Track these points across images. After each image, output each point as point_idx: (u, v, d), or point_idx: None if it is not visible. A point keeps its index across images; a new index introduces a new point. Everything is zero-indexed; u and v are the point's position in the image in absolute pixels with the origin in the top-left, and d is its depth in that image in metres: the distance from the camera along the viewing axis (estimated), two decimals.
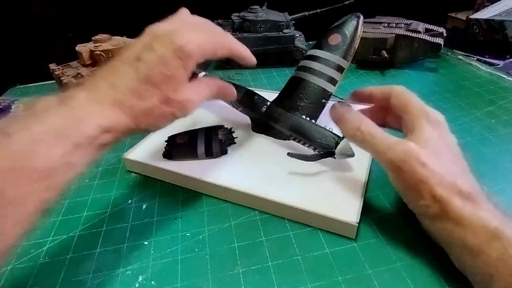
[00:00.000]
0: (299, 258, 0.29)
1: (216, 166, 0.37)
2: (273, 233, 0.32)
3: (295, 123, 0.37)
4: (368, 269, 0.28)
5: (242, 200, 0.34)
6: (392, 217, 0.32)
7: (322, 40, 0.40)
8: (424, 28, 0.61)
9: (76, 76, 0.53)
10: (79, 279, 0.28)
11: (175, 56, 0.25)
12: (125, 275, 0.29)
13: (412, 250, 0.29)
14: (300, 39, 0.67)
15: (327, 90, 0.39)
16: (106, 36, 0.55)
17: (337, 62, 0.39)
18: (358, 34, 0.39)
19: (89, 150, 0.22)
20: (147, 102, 0.25)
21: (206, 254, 0.30)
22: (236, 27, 0.62)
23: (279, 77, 0.62)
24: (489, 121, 0.46)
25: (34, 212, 0.20)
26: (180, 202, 0.36)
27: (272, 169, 0.36)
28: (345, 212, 0.30)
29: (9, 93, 0.66)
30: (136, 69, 0.24)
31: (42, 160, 0.20)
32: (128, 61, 0.25)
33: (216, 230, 0.32)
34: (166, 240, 0.32)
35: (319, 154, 0.35)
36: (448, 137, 0.29)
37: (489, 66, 0.62)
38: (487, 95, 0.52)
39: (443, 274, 0.27)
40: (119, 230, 0.33)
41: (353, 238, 0.30)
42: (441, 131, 0.29)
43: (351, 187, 0.33)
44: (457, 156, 0.28)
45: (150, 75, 0.24)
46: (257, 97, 0.41)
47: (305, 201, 0.32)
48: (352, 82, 0.59)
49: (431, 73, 0.61)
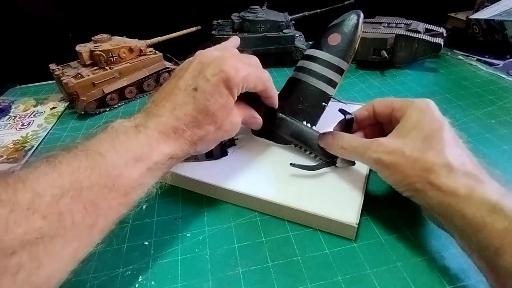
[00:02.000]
0: (299, 258, 0.29)
1: (216, 168, 0.37)
2: (273, 234, 0.32)
3: (296, 130, 0.37)
4: (368, 269, 0.28)
5: (242, 202, 0.34)
6: (392, 217, 0.32)
7: (321, 40, 0.40)
8: (424, 28, 0.61)
9: (76, 76, 0.53)
10: (79, 279, 0.28)
11: (224, 83, 0.28)
12: (125, 275, 0.29)
13: (412, 250, 0.29)
14: (300, 39, 0.67)
15: (327, 92, 0.39)
16: (106, 36, 0.55)
17: (337, 64, 0.38)
18: (358, 34, 0.39)
19: (157, 173, 0.26)
20: (204, 130, 0.28)
21: (206, 255, 0.30)
22: (236, 27, 0.62)
23: (279, 77, 0.62)
24: (489, 121, 0.46)
25: (112, 223, 0.24)
26: (180, 203, 0.36)
27: (272, 170, 0.36)
28: (345, 213, 0.30)
29: (9, 93, 0.66)
30: (194, 99, 0.27)
31: (126, 181, 0.24)
32: (186, 88, 0.28)
33: (216, 231, 0.32)
34: (166, 240, 0.32)
35: (321, 164, 0.35)
36: (439, 117, 0.29)
37: (489, 66, 0.62)
38: (487, 95, 0.52)
39: (443, 274, 0.27)
40: (119, 230, 0.33)
41: (352, 239, 0.30)
42: (431, 112, 0.29)
43: (351, 188, 0.33)
44: (449, 133, 0.28)
45: (207, 105, 0.27)
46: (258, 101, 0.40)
47: (305, 202, 0.32)
48: (352, 82, 0.59)
49: (431, 73, 0.61)
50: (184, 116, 0.27)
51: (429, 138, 0.27)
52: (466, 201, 0.24)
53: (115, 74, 0.55)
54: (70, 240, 0.21)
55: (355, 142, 0.31)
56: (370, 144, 0.29)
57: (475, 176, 0.25)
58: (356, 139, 0.32)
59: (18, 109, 0.59)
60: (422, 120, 0.28)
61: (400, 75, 0.60)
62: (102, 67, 0.54)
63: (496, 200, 0.23)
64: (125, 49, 0.55)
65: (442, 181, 0.25)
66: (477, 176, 0.25)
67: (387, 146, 0.28)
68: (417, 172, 0.26)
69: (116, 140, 0.25)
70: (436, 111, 0.29)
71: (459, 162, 0.26)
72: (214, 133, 0.28)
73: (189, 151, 0.28)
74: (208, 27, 0.63)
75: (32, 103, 0.60)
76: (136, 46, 0.57)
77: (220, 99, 0.28)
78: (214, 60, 0.29)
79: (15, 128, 0.53)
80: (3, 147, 0.48)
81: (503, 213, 0.22)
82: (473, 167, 0.26)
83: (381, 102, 0.33)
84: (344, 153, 0.33)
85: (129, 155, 0.24)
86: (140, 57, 0.58)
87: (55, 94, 0.63)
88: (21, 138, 0.50)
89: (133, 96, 0.59)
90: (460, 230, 0.25)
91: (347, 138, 0.32)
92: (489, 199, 0.23)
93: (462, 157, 0.26)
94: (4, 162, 0.45)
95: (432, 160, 0.26)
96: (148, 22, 0.69)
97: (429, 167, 0.26)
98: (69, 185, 0.21)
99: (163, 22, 0.69)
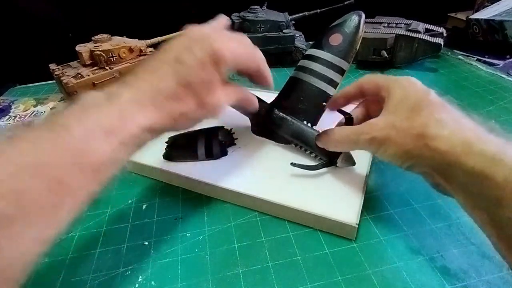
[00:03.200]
0: (299, 258, 0.29)
1: (216, 168, 0.37)
2: (273, 234, 0.32)
3: (297, 130, 0.37)
4: (368, 269, 0.28)
5: (242, 201, 0.34)
6: (392, 217, 0.32)
7: (322, 40, 0.40)
8: (424, 28, 0.61)
9: (76, 76, 0.53)
10: (79, 279, 0.29)
11: (211, 61, 0.26)
12: (125, 275, 0.29)
13: (412, 250, 0.29)
14: (300, 39, 0.67)
15: (327, 92, 0.39)
16: (106, 36, 0.55)
17: (338, 64, 0.38)
18: (359, 35, 0.39)
19: (131, 147, 0.24)
20: (185, 106, 0.26)
21: (206, 255, 0.30)
22: (236, 27, 0.62)
23: (279, 77, 0.62)
24: (489, 121, 0.46)
25: (83, 203, 0.22)
26: (180, 203, 0.36)
27: (272, 170, 0.36)
28: (345, 213, 0.30)
29: (9, 93, 0.66)
30: (176, 71, 0.25)
31: (96, 156, 0.22)
32: (168, 61, 0.26)
33: (216, 231, 0.32)
34: (166, 240, 0.32)
35: (321, 164, 0.35)
36: (423, 88, 0.29)
37: (489, 66, 0.62)
38: (487, 95, 0.52)
39: (443, 274, 0.27)
40: (119, 230, 0.33)
41: (353, 239, 0.30)
42: (414, 85, 0.29)
43: (351, 188, 0.33)
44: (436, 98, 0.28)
45: (189, 80, 0.25)
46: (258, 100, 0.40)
47: (305, 202, 0.32)
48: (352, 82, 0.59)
49: (431, 73, 0.61)
50: (164, 88, 0.25)
51: (417, 107, 0.27)
52: (464, 156, 0.23)
53: (115, 74, 0.55)
54: (32, 221, 0.19)
55: (347, 131, 0.31)
56: (361, 128, 0.29)
57: (470, 130, 0.25)
58: (346, 128, 0.32)
59: (18, 109, 0.59)
60: (406, 94, 0.28)
61: (400, 75, 0.60)
62: (102, 67, 0.54)
63: (494, 151, 0.23)
64: (125, 49, 0.55)
65: (437, 141, 0.25)
66: (473, 129, 0.25)
67: (378, 124, 0.28)
68: (411, 139, 0.26)
69: (84, 113, 0.22)
70: (418, 84, 0.29)
71: (451, 118, 0.25)
72: (195, 111, 0.26)
73: (168, 126, 0.26)
74: None
75: (32, 103, 0.60)
76: (136, 46, 0.57)
77: (203, 75, 0.26)
78: (204, 36, 0.27)
79: None
80: None
81: (502, 163, 0.22)
82: (467, 122, 0.25)
83: (368, 82, 0.33)
84: (338, 145, 0.33)
85: (98, 128, 0.22)
86: (140, 57, 0.58)
87: (55, 94, 0.63)
88: None
89: None
90: (462, 187, 0.24)
91: (337, 130, 0.32)
92: (488, 151, 0.23)
93: (453, 114, 0.26)
94: None
95: (423, 123, 0.26)
96: (148, 22, 0.69)
97: (421, 131, 0.25)
98: (28, 162, 0.19)
99: (163, 22, 0.69)
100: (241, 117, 0.43)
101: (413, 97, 0.28)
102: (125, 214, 0.35)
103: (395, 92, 0.29)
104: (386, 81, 0.31)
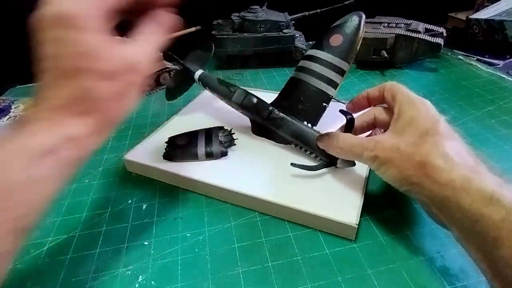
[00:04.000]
0: (299, 258, 0.29)
1: (216, 168, 0.37)
2: (273, 234, 0.32)
3: (297, 130, 0.37)
4: (368, 269, 0.28)
5: (242, 202, 0.34)
6: (392, 217, 0.32)
7: (323, 40, 0.40)
8: (424, 28, 0.61)
9: None
10: (79, 279, 0.28)
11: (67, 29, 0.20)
12: (125, 275, 0.29)
13: (412, 250, 0.29)
14: (300, 39, 0.67)
15: (327, 93, 0.39)
16: None
17: (338, 65, 0.38)
18: (360, 36, 0.39)
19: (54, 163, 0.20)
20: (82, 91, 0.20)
21: (206, 255, 0.30)
22: (236, 27, 0.62)
23: (279, 77, 0.62)
24: (489, 121, 0.46)
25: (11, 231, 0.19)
26: (180, 203, 0.36)
27: (272, 170, 0.36)
28: (345, 213, 0.30)
29: (9, 93, 0.66)
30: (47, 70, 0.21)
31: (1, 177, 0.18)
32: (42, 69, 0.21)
33: (216, 231, 0.32)
34: (166, 240, 0.32)
35: (321, 164, 0.35)
36: (434, 113, 0.29)
37: (489, 66, 0.62)
38: (487, 95, 0.52)
39: (443, 274, 0.27)
40: (119, 230, 0.33)
41: (352, 239, 0.30)
42: (426, 109, 0.29)
43: (351, 188, 0.33)
44: (445, 128, 0.28)
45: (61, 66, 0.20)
46: (258, 101, 0.40)
47: (305, 202, 0.32)
48: (352, 82, 0.59)
49: (431, 73, 0.61)
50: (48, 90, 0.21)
51: (424, 134, 0.27)
52: (463, 192, 0.23)
53: None
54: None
55: (351, 142, 0.31)
56: (367, 143, 0.29)
57: (471, 167, 0.25)
58: (351, 138, 0.32)
59: (18, 109, 0.59)
60: (417, 118, 0.28)
61: (400, 75, 0.60)
62: None
63: (492, 190, 0.23)
64: None
65: (438, 172, 0.25)
66: (474, 167, 0.25)
67: (383, 144, 0.28)
68: (413, 165, 0.26)
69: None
70: (431, 109, 0.29)
71: (455, 152, 0.25)
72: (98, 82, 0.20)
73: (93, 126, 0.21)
74: (208, 27, 0.63)
75: None
76: None
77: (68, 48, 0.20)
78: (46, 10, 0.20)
79: None
80: None
81: (500, 204, 0.22)
82: (470, 159, 0.25)
83: (389, 90, 0.32)
84: (340, 153, 0.32)
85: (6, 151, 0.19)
86: None
87: None
88: None
89: None
90: (458, 222, 0.24)
91: (343, 137, 0.32)
92: (486, 190, 0.23)
93: (458, 148, 0.26)
94: None
95: (427, 152, 0.26)
96: None
97: (424, 160, 0.26)
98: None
99: None
100: (241, 117, 0.43)
101: (423, 123, 0.28)
102: (125, 214, 0.35)
103: (406, 112, 0.29)
104: (402, 97, 0.30)
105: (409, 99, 0.30)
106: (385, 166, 0.28)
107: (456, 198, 0.24)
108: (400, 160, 0.27)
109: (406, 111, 0.29)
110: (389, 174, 0.28)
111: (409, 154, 0.26)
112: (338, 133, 0.33)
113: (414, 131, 0.27)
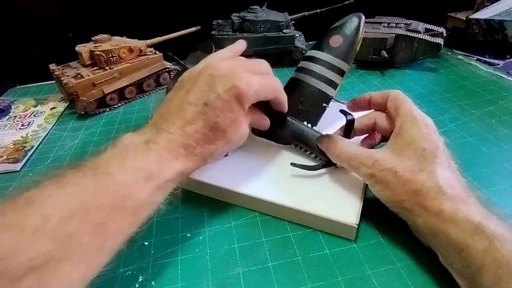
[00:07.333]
0: (299, 258, 0.29)
1: (216, 168, 0.37)
2: (273, 234, 0.32)
3: (297, 130, 0.37)
4: (368, 270, 0.28)
5: (242, 202, 0.34)
6: (392, 218, 0.32)
7: (322, 41, 0.40)
8: (424, 28, 0.61)
9: (76, 76, 0.53)
10: None
11: (236, 100, 0.27)
12: (125, 275, 0.29)
13: (412, 251, 0.29)
14: (300, 39, 0.67)
15: (327, 93, 0.39)
16: (106, 36, 0.55)
17: (338, 65, 0.38)
18: (359, 36, 0.39)
19: (167, 190, 0.26)
20: (215, 145, 0.28)
21: (206, 255, 0.30)
22: (236, 27, 0.62)
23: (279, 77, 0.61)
24: (489, 121, 0.46)
25: (121, 243, 0.24)
26: (180, 203, 0.36)
27: (272, 170, 0.36)
28: (345, 213, 0.30)
29: (9, 93, 0.66)
30: (204, 115, 0.27)
31: (136, 200, 0.24)
32: (196, 104, 0.27)
33: (216, 231, 0.32)
34: (166, 240, 0.32)
35: (321, 164, 0.35)
36: (435, 137, 0.29)
37: (489, 66, 0.62)
38: (487, 95, 0.52)
39: (443, 275, 0.27)
40: None
41: (353, 239, 0.30)
42: (428, 131, 0.29)
43: (351, 188, 0.33)
44: (443, 155, 0.28)
45: (218, 122, 0.27)
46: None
47: (305, 202, 0.32)
48: (352, 82, 0.59)
49: (431, 73, 0.61)
50: (194, 133, 0.27)
51: (422, 159, 0.27)
52: (451, 223, 0.25)
53: (115, 74, 0.55)
54: (78, 262, 0.21)
55: (350, 152, 0.31)
56: (366, 160, 0.29)
57: (461, 199, 0.26)
58: (350, 149, 0.31)
59: (18, 109, 0.59)
60: (418, 139, 0.28)
61: (400, 75, 0.60)
62: (102, 67, 0.54)
63: (478, 222, 0.24)
64: (125, 49, 0.55)
65: (429, 202, 0.26)
66: (463, 199, 0.26)
67: (381, 164, 0.28)
68: (407, 192, 0.27)
69: (126, 158, 0.24)
70: (433, 131, 0.29)
71: (448, 185, 0.26)
72: (223, 147, 0.28)
73: (199, 166, 0.28)
74: (208, 27, 0.64)
75: (32, 103, 0.60)
76: (136, 46, 0.57)
77: (231, 115, 0.28)
78: (225, 73, 0.28)
79: (15, 128, 0.53)
80: (3, 147, 0.48)
81: (484, 235, 0.23)
82: (461, 190, 0.26)
83: (394, 99, 0.32)
84: (337, 160, 0.33)
85: (139, 174, 0.24)
86: (140, 57, 0.58)
87: (55, 94, 0.63)
88: (21, 138, 0.50)
89: (133, 96, 0.59)
90: (444, 249, 0.26)
91: (341, 145, 0.32)
92: (472, 221, 0.24)
93: (451, 180, 0.27)
94: (4, 162, 0.45)
95: (422, 182, 0.26)
96: (148, 22, 0.69)
97: (418, 189, 0.26)
98: (77, 207, 0.21)
99: (163, 22, 0.69)
100: None
101: (423, 147, 0.28)
102: None
103: (408, 131, 0.29)
104: (405, 112, 0.30)
105: (412, 117, 0.30)
106: (380, 186, 0.29)
107: (444, 227, 0.25)
108: (395, 184, 0.27)
109: (408, 130, 0.29)
110: (383, 194, 0.29)
111: (405, 181, 0.27)
112: (338, 138, 0.33)
113: (413, 154, 0.28)
